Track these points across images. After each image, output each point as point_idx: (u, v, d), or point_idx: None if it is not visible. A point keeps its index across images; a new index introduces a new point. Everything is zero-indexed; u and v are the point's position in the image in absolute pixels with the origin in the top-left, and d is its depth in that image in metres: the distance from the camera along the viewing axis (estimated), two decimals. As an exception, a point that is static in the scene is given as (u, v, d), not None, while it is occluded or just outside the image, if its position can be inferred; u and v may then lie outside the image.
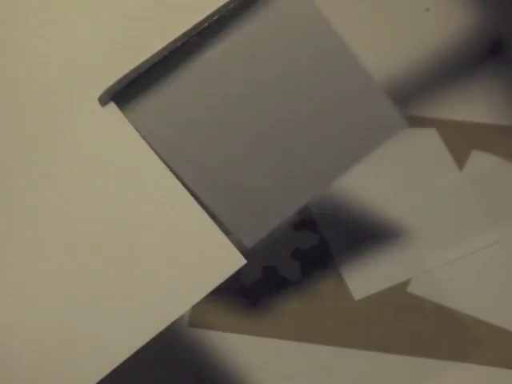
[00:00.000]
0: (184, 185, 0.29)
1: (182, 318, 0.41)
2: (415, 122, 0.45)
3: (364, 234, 0.43)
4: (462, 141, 0.44)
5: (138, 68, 0.29)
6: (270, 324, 0.41)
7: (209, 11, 0.30)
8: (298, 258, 0.43)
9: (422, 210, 0.43)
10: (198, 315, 0.41)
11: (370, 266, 0.42)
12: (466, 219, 0.43)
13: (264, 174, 0.32)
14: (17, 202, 0.28)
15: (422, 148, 0.44)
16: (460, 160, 0.44)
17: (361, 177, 0.44)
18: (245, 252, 0.27)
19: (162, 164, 0.29)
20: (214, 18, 0.30)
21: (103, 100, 0.29)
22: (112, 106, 0.29)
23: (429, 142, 0.45)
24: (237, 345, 0.40)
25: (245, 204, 0.33)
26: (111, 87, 0.29)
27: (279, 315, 0.41)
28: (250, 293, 0.42)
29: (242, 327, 0.41)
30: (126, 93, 0.30)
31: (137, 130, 0.28)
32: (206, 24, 0.30)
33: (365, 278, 0.42)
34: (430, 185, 0.44)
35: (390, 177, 0.44)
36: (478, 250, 0.42)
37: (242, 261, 0.27)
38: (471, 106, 0.45)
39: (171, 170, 0.29)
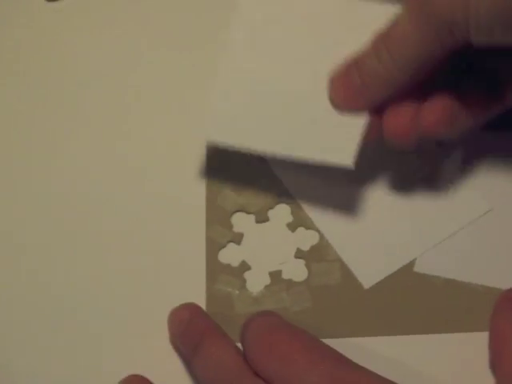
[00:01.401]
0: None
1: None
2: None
3: (362, 221, 0.43)
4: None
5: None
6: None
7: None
8: (301, 258, 0.42)
9: (414, 189, 0.43)
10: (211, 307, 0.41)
11: (373, 252, 0.42)
12: (458, 191, 0.43)
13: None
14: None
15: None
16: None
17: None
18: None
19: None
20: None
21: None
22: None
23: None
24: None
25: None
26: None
27: (292, 315, 0.41)
28: (260, 299, 0.41)
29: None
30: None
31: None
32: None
33: (371, 266, 0.42)
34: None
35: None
36: (475, 220, 0.42)
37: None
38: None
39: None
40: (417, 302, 0.41)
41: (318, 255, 0.42)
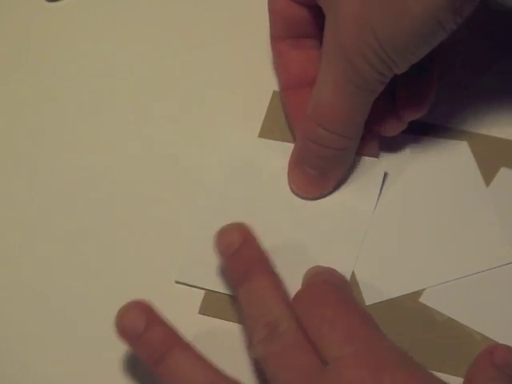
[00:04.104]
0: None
1: (192, 304, 0.41)
2: (447, 132, 0.45)
3: (383, 240, 0.43)
4: (492, 156, 0.44)
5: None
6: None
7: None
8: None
9: (442, 222, 0.43)
10: (209, 303, 0.41)
11: (385, 272, 0.42)
12: (485, 236, 0.42)
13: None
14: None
15: (451, 159, 0.44)
16: (488, 175, 0.43)
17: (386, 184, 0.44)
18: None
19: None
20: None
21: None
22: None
23: (459, 153, 0.44)
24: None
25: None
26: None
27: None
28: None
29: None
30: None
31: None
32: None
33: (379, 284, 0.41)
34: (454, 196, 0.43)
35: (415, 184, 0.44)
36: (495, 269, 0.42)
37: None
38: (506, 122, 0.45)
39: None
40: (412, 332, 0.40)
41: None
